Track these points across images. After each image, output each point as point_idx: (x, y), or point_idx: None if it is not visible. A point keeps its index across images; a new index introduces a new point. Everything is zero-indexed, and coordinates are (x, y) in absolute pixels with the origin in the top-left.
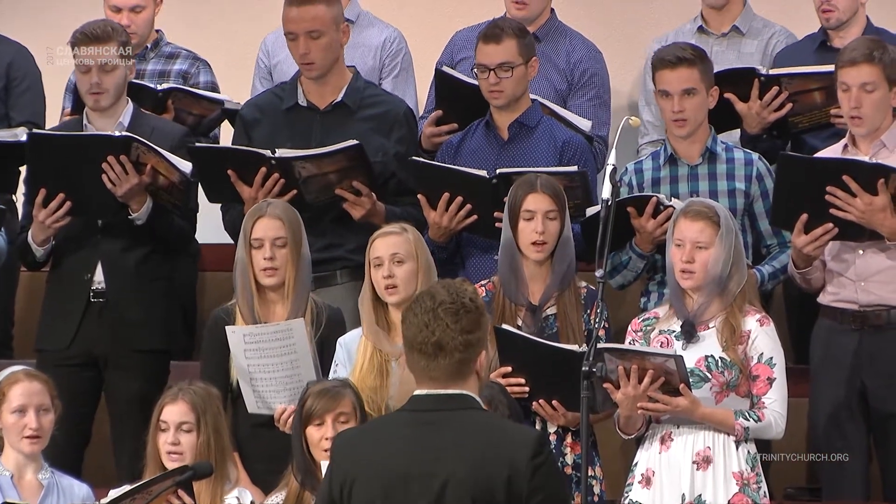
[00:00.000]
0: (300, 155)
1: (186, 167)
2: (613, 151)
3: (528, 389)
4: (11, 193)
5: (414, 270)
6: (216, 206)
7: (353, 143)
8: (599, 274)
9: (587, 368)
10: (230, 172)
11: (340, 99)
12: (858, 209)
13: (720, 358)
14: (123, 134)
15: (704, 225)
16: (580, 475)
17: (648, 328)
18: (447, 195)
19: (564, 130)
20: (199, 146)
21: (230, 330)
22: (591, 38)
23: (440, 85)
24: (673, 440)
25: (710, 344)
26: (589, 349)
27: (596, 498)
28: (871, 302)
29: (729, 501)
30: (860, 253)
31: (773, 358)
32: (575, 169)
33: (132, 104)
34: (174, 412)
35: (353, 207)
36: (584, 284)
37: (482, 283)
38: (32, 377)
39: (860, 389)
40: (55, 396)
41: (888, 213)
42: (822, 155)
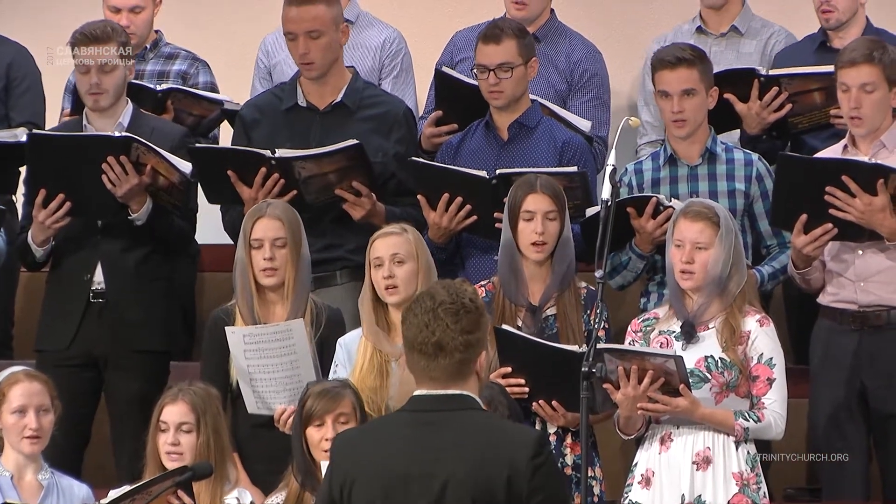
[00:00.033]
0: (300, 155)
1: (186, 168)
2: (613, 152)
3: (527, 390)
4: (11, 194)
5: (414, 271)
6: (216, 206)
7: (353, 142)
8: (599, 274)
9: (587, 369)
10: (230, 173)
11: (340, 99)
12: (858, 209)
13: (720, 358)
14: (123, 134)
15: (704, 225)
16: (580, 476)
17: (648, 329)
18: (447, 196)
19: (564, 131)
20: (198, 147)
21: (230, 330)
22: (590, 38)
23: (440, 85)
24: (673, 441)
25: (709, 344)
26: (589, 350)
27: (596, 498)
28: (870, 302)
29: (729, 502)
30: (860, 253)
31: (772, 358)
32: (575, 169)
33: (132, 105)
34: (174, 412)
35: (352, 208)
36: (583, 285)
37: (482, 283)
38: (32, 377)
39: (860, 390)
40: (55, 397)
41: (888, 213)
42: (821, 155)
